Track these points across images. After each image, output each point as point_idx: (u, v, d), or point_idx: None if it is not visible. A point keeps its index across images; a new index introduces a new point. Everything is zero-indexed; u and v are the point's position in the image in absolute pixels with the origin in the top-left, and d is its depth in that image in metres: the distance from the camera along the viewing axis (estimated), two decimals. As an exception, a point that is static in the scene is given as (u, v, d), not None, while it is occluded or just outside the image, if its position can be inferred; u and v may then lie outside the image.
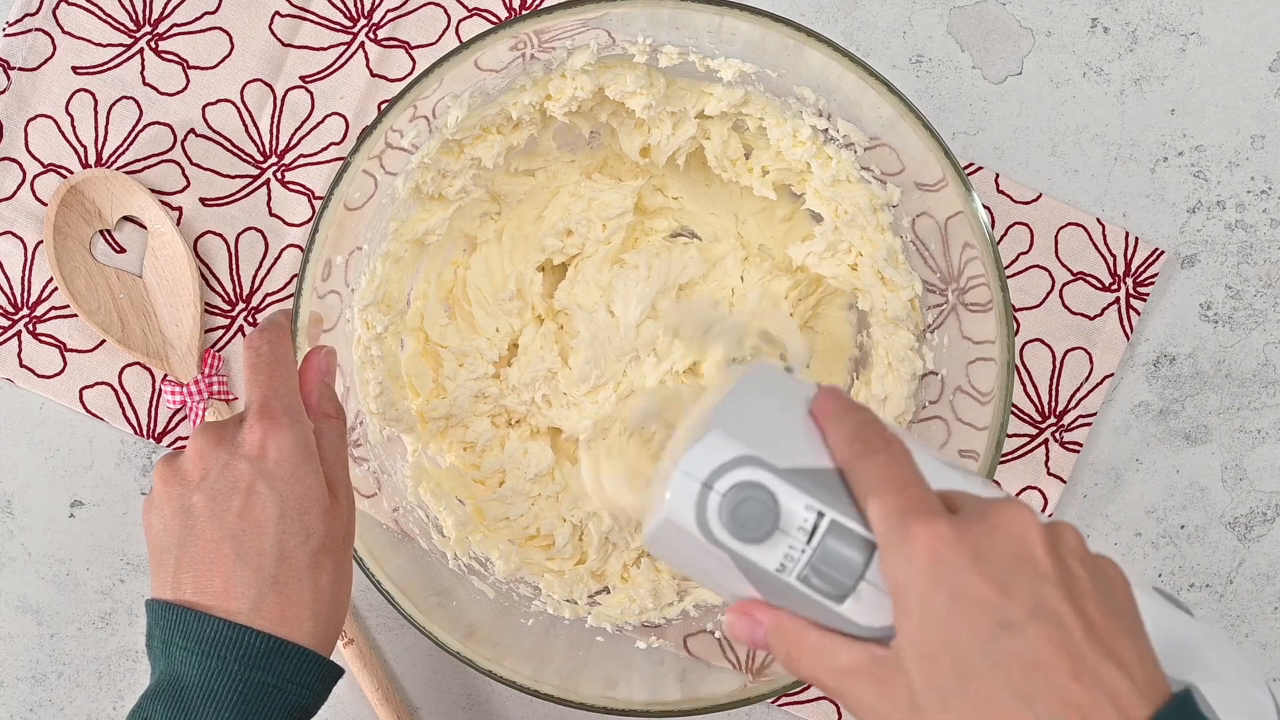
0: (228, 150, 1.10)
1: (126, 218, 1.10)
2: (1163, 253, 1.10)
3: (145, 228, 1.10)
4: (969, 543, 0.66)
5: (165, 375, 1.09)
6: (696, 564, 0.75)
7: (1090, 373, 1.10)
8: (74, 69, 1.10)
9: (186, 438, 1.10)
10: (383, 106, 1.10)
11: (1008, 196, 1.10)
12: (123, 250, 1.10)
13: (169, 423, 1.10)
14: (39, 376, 1.10)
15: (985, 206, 1.08)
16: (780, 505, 0.71)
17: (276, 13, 1.10)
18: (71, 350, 1.10)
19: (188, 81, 1.10)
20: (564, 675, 0.99)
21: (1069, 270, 1.10)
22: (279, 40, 1.10)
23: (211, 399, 1.09)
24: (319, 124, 1.10)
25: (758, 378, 0.77)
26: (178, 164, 1.10)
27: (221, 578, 0.84)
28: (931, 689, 0.66)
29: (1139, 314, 1.10)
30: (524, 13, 1.02)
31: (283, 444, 0.85)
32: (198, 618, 0.83)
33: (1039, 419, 1.10)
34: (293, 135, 1.10)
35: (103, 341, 1.10)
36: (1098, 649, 0.65)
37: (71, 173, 1.09)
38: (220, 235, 1.10)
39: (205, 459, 0.86)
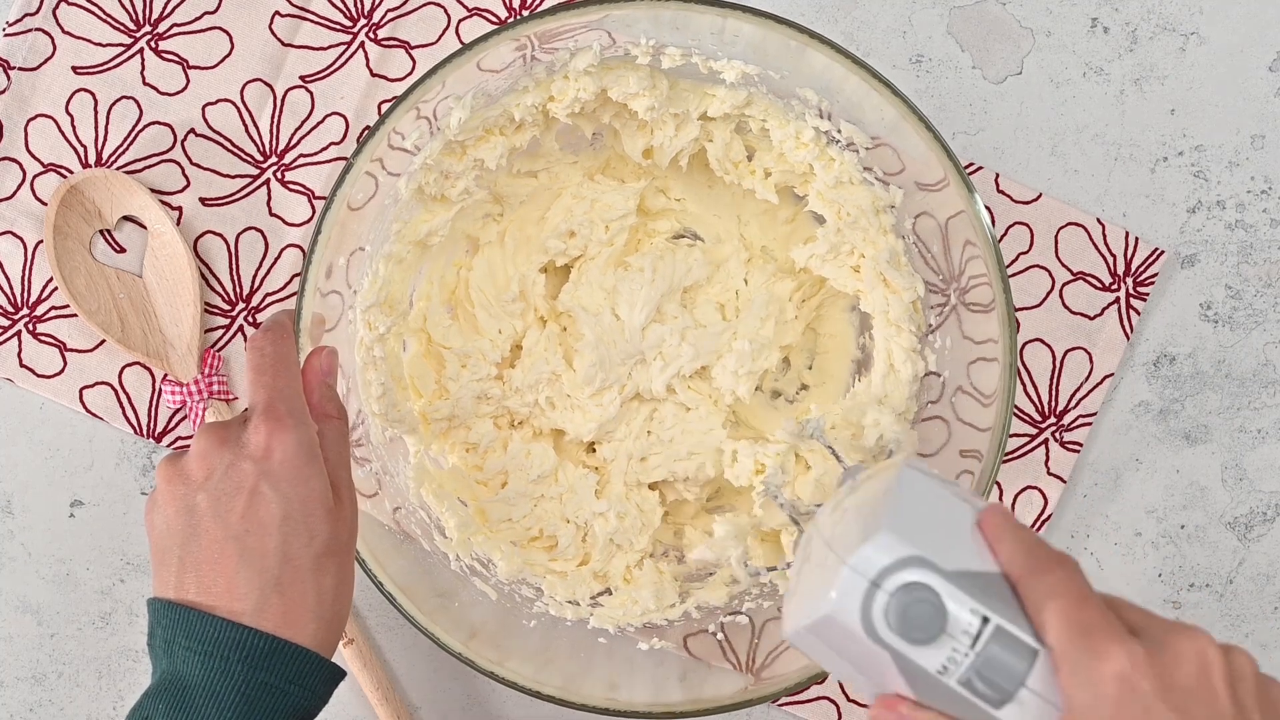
0: (228, 150, 1.10)
1: (126, 218, 1.10)
2: (1163, 252, 1.10)
3: (145, 228, 1.10)
4: (1157, 672, 0.68)
5: (165, 375, 1.09)
6: (849, 660, 0.75)
7: (1090, 372, 1.10)
8: (74, 69, 1.10)
9: (187, 438, 1.10)
10: (383, 107, 1.10)
11: (1008, 196, 1.10)
12: (123, 250, 1.10)
13: (169, 423, 1.10)
14: (39, 376, 1.10)
15: (985, 207, 1.08)
16: (947, 608, 0.71)
17: (276, 12, 1.10)
18: (71, 350, 1.10)
19: (188, 81, 1.10)
20: (566, 676, 0.99)
21: (1069, 270, 1.10)
22: (279, 40, 1.10)
23: (211, 399, 1.09)
24: (319, 124, 1.10)
25: (916, 477, 0.77)
26: (178, 164, 1.10)
27: (225, 578, 0.84)
28: None
29: (1139, 314, 1.10)
30: (526, 14, 1.01)
31: (287, 445, 0.85)
32: (201, 617, 0.83)
33: (1039, 419, 1.10)
34: (293, 135, 1.10)
35: (103, 341, 1.09)
36: None
37: (71, 173, 1.09)
38: (220, 235, 1.10)
39: (209, 459, 0.85)
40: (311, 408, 0.89)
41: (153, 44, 1.10)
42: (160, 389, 1.10)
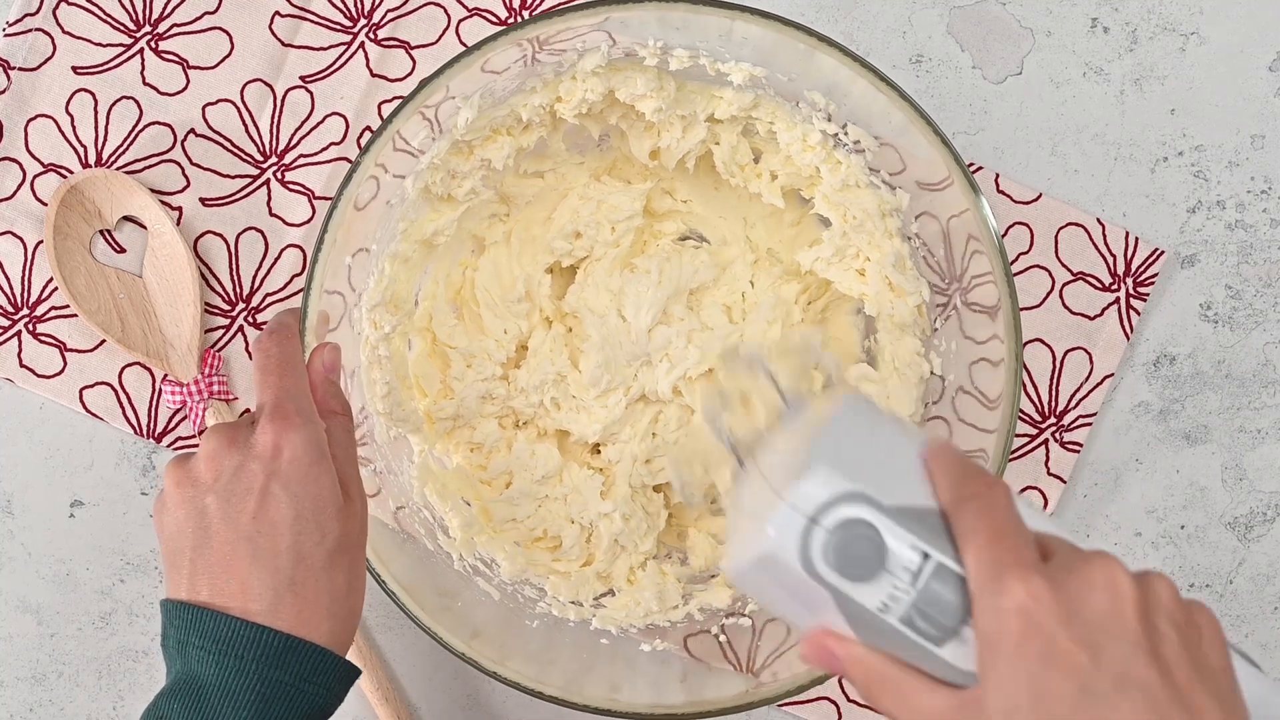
0: (228, 150, 1.10)
1: (126, 218, 1.10)
2: (1163, 253, 1.10)
3: (145, 228, 1.09)
4: (1061, 601, 0.66)
5: (165, 375, 1.09)
6: (788, 598, 0.73)
7: (1090, 373, 1.10)
8: (74, 69, 1.09)
9: (187, 438, 1.09)
10: (383, 107, 1.10)
11: (1008, 196, 1.10)
12: (123, 250, 1.10)
13: (169, 423, 1.10)
14: (39, 376, 1.10)
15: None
16: (887, 544, 0.69)
17: (276, 13, 1.10)
18: (71, 350, 1.10)
19: (188, 81, 1.10)
20: (568, 677, 0.99)
21: (1069, 270, 1.10)
22: (279, 40, 1.10)
23: (212, 399, 1.09)
24: (319, 124, 1.10)
25: (855, 410, 0.75)
26: (178, 164, 1.10)
27: (238, 579, 0.84)
28: None
29: (1139, 314, 1.10)
30: (534, 15, 1.01)
31: (296, 444, 0.84)
32: (214, 617, 0.83)
33: (1039, 419, 1.10)
34: (293, 135, 1.10)
35: (103, 341, 1.09)
36: (1184, 717, 0.65)
37: (71, 173, 1.09)
38: (220, 235, 1.10)
39: (218, 461, 0.85)
40: (317, 405, 0.89)
41: (153, 44, 1.10)
42: (160, 389, 1.09)
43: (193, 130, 1.10)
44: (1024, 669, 0.66)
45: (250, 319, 1.10)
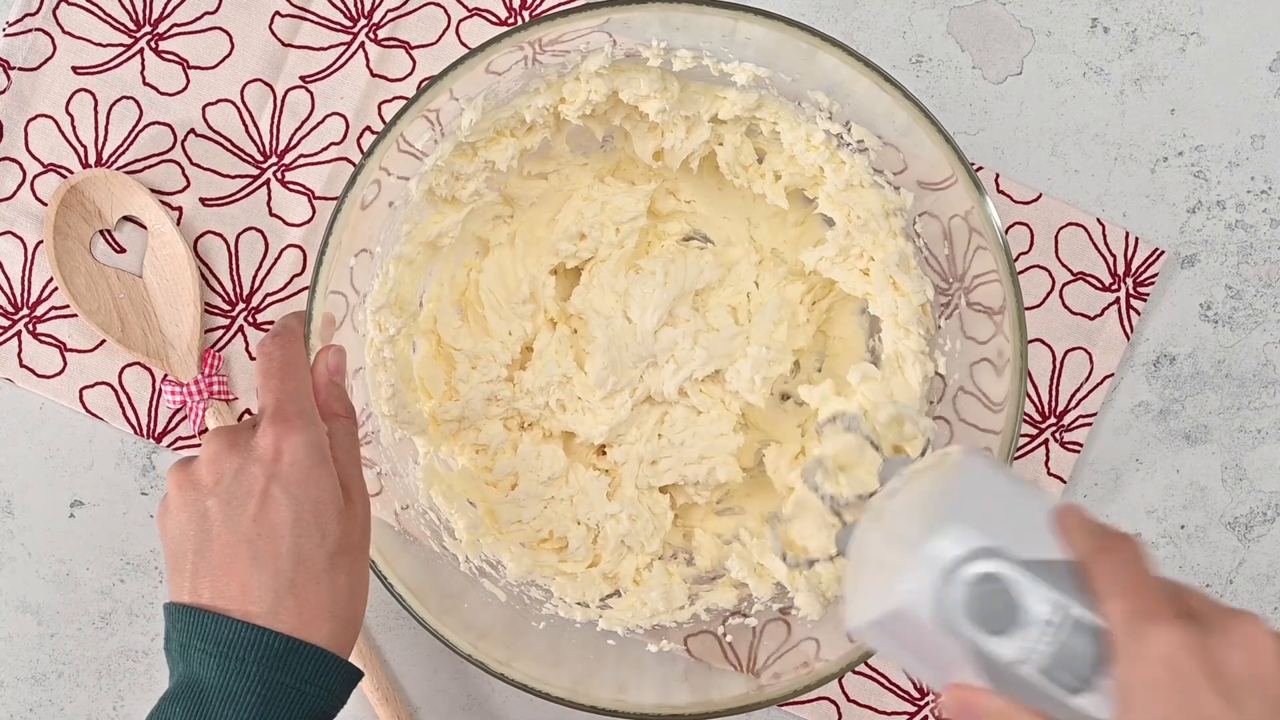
0: (228, 150, 1.10)
1: (126, 218, 1.10)
2: (1163, 253, 1.10)
3: (145, 228, 1.09)
4: (1206, 656, 0.67)
5: (165, 375, 1.09)
6: (919, 652, 0.75)
7: (1090, 373, 1.10)
8: (74, 69, 1.09)
9: (187, 438, 1.09)
10: (383, 108, 1.10)
11: (1008, 196, 1.10)
12: (123, 250, 1.10)
13: (169, 423, 1.10)
14: (39, 376, 1.09)
15: (991, 207, 1.08)
16: (1022, 598, 0.71)
17: (276, 13, 1.10)
18: (71, 350, 1.09)
19: (188, 81, 1.10)
20: (574, 678, 0.99)
21: (1069, 270, 1.11)
22: (279, 40, 1.10)
23: (212, 399, 1.08)
24: (319, 124, 1.10)
25: (979, 466, 0.77)
26: (178, 164, 1.10)
27: (239, 582, 0.84)
28: None
29: (1139, 314, 1.10)
30: (537, 17, 1.01)
31: (296, 447, 0.85)
32: (215, 620, 0.83)
33: (1039, 419, 1.11)
34: (293, 135, 1.10)
35: (103, 341, 1.09)
36: None
37: (71, 172, 1.09)
38: (220, 235, 1.10)
39: (219, 463, 0.86)
40: (320, 407, 0.89)
41: (153, 44, 1.10)
42: (160, 389, 1.09)
43: (193, 130, 1.10)
44: (1165, 717, 0.67)
45: (250, 319, 1.10)
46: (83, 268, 1.09)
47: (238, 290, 1.10)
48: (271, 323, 1.10)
